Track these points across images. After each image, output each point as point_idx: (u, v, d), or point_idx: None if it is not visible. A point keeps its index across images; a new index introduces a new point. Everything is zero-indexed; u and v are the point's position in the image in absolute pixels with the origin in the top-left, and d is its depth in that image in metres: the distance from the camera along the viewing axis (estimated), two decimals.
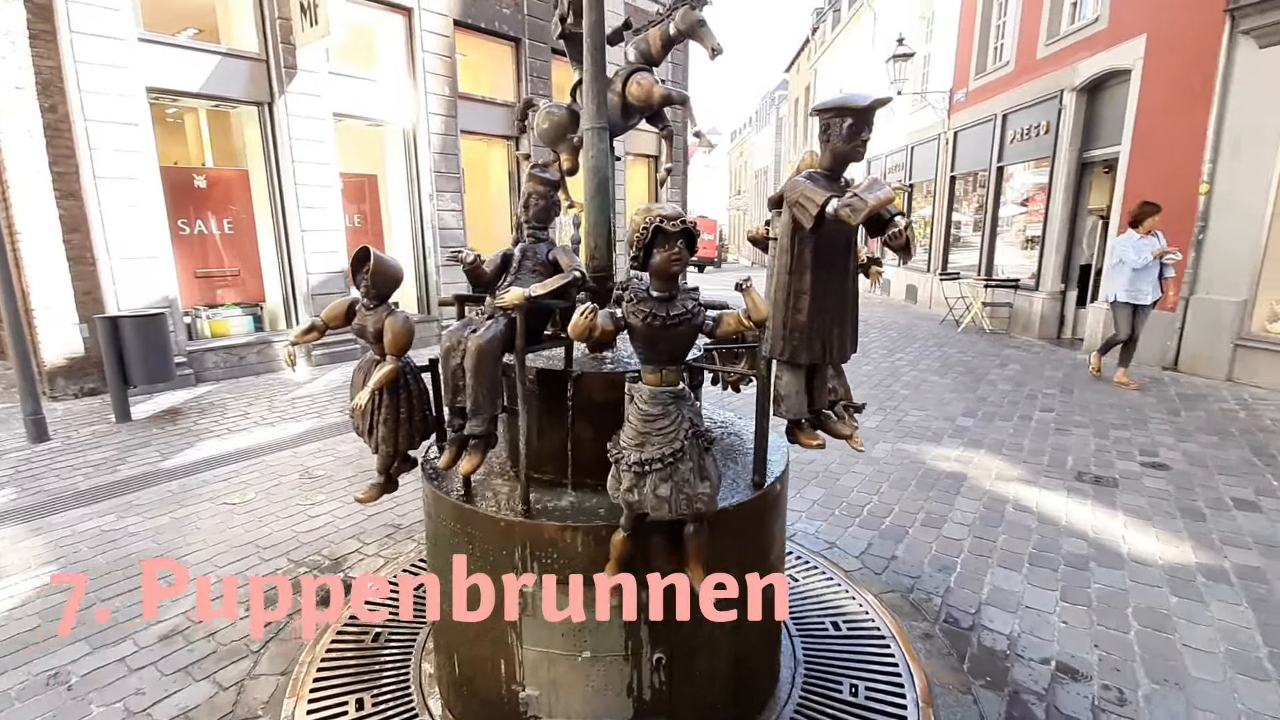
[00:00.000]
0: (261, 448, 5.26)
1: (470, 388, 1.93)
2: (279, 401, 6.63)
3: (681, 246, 1.57)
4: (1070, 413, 6.30)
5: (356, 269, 2.36)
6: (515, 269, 2.11)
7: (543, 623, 2.01)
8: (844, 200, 1.61)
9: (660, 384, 1.70)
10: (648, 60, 2.61)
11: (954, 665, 2.62)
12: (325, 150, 8.13)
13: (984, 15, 13.35)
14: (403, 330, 2.28)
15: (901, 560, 3.47)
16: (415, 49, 8.96)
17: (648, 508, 1.69)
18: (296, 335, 2.37)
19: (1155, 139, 8.57)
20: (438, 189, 9.43)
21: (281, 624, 2.92)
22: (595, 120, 2.34)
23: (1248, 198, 7.24)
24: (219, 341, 7.68)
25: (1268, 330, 7.32)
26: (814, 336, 1.87)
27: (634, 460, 1.67)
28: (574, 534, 1.94)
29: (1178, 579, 3.26)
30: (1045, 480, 4.57)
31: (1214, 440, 5.39)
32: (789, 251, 1.85)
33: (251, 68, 7.57)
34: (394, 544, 3.67)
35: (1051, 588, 3.19)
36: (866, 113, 1.71)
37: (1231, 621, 2.90)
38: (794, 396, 1.95)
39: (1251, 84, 7.16)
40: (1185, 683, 2.51)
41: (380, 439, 2.37)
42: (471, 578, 2.10)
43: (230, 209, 7.99)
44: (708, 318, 1.66)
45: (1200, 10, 7.62)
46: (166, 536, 3.75)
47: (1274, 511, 4.01)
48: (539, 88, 10.70)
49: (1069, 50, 10.35)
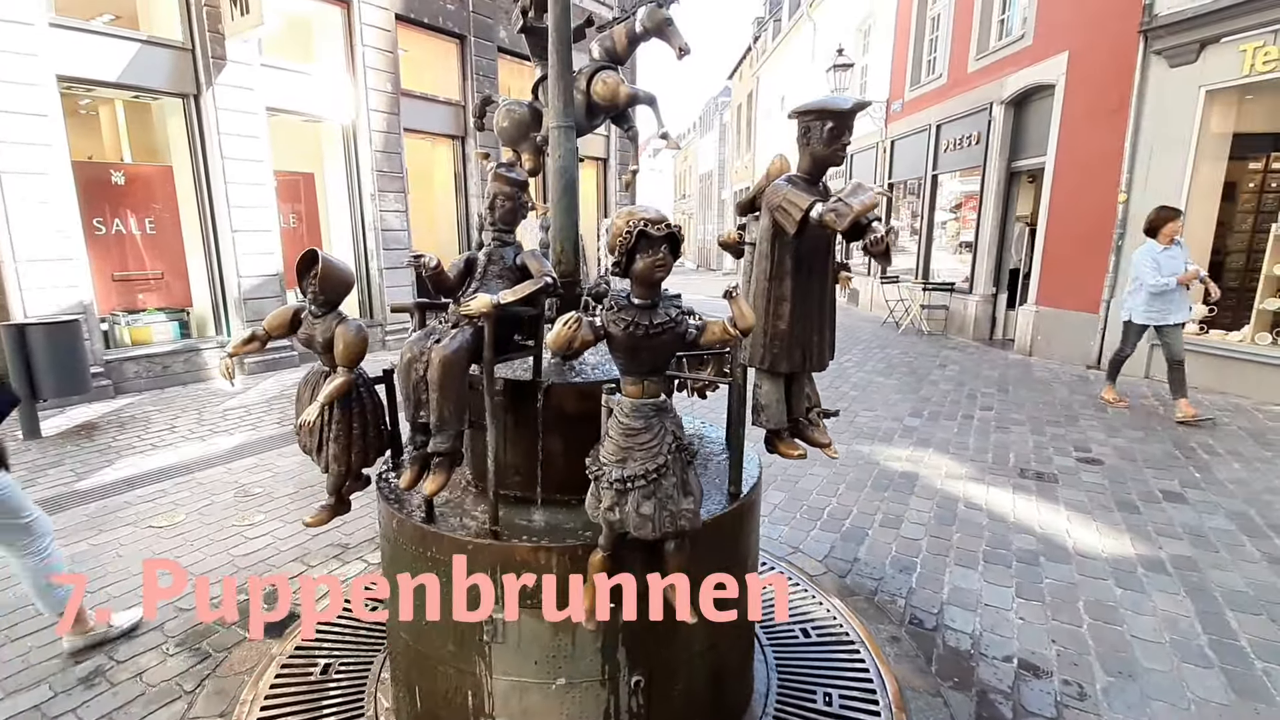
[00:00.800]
0: (191, 464, 4.89)
1: (435, 402, 1.81)
2: (209, 413, 6.21)
3: (666, 252, 1.50)
4: (1008, 411, 6.56)
5: (302, 273, 2.20)
6: (481, 274, 2.00)
7: (514, 649, 1.90)
8: (829, 205, 1.58)
9: (642, 395, 1.62)
10: (612, 58, 2.54)
11: (922, 667, 2.65)
12: (258, 146, 7.69)
13: (918, 30, 13.87)
14: (355, 340, 2.13)
15: (864, 562, 3.50)
16: (355, 43, 8.60)
17: (630, 527, 1.61)
18: (235, 346, 2.18)
19: (1078, 150, 9.07)
20: (380, 189, 9.07)
21: (219, 658, 2.69)
22: (562, 118, 2.25)
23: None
24: (140, 350, 7.14)
25: None
26: (794, 344, 1.84)
27: (615, 477, 1.59)
28: (548, 555, 1.84)
29: (1121, 571, 3.41)
30: (991, 478, 4.73)
31: (1139, 435, 5.71)
32: (769, 257, 1.81)
33: (175, 57, 7.09)
34: (342, 565, 3.45)
35: (1007, 584, 3.28)
36: (848, 116, 1.69)
37: (1173, 611, 3.05)
38: (774, 406, 1.92)
39: (1163, 100, 7.66)
40: (1138, 674, 2.61)
41: (331, 457, 2.20)
42: (436, 604, 1.97)
43: (152, 208, 7.45)
44: (691, 326, 1.59)
45: (1117, 31, 8.11)
46: (85, 565, 3.42)
47: (1199, 503, 4.26)
48: (485, 86, 10.46)
49: (997, 65, 10.84)
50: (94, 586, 3.22)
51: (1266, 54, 6.58)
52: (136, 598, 3.12)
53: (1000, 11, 11.21)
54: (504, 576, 1.85)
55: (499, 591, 1.86)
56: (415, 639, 2.08)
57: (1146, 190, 7.91)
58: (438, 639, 2.01)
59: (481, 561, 1.86)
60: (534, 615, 1.87)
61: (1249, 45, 6.71)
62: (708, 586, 1.90)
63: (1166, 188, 7.66)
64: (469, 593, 1.89)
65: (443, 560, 1.93)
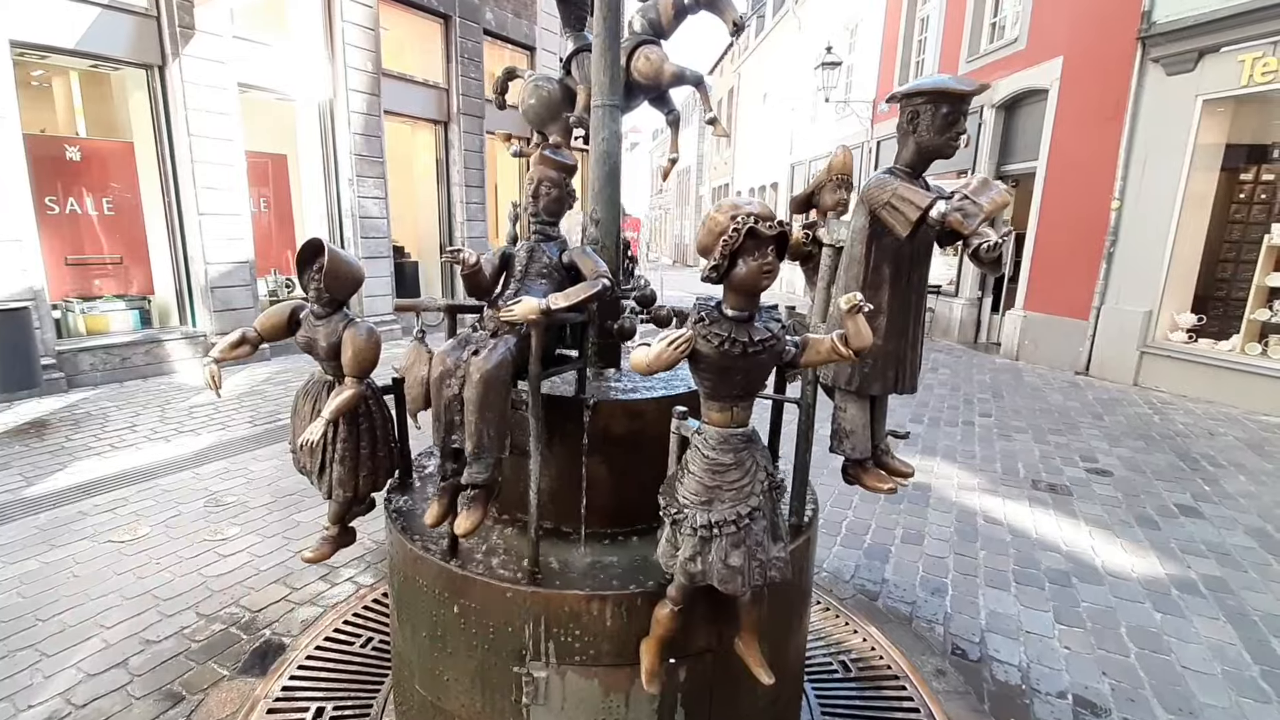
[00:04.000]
0: (155, 468, 4.48)
1: (473, 425, 1.52)
2: (173, 411, 5.76)
3: (773, 255, 1.24)
4: (1007, 418, 6.48)
5: (303, 266, 1.89)
6: (520, 273, 1.71)
7: (557, 711, 1.64)
8: (954, 204, 1.34)
9: (730, 424, 1.37)
10: (656, 31, 2.26)
11: (975, 706, 2.46)
12: (228, 124, 7.19)
13: (906, 30, 13.81)
14: (366, 346, 1.84)
15: (893, 584, 3.31)
16: (334, 18, 8.11)
17: (713, 579, 1.36)
18: (222, 350, 1.88)
19: (1070, 155, 9.06)
20: (359, 174, 8.61)
21: (194, 701, 2.36)
22: (608, 95, 1.97)
23: (1154, 214, 7.76)
24: (97, 340, 6.61)
25: (1169, 339, 7.87)
26: (888, 363, 1.61)
27: (701, 523, 1.33)
28: (602, 604, 1.58)
29: (1155, 592, 3.28)
30: (1005, 490, 4.60)
31: (1140, 445, 5.67)
32: (862, 262, 1.57)
33: (139, 24, 6.55)
34: (330, 586, 3.13)
35: (1044, 608, 3.12)
36: (966, 100, 1.46)
37: (1217, 638, 2.92)
38: (860, 432, 1.68)
39: (1159, 108, 7.66)
40: (1198, 711, 2.46)
41: (335, 481, 1.91)
42: (462, 660, 1.69)
43: (111, 187, 6.90)
44: (789, 343, 1.34)
45: (1114, 37, 8.09)
46: (34, 588, 3.04)
47: (1215, 518, 4.19)
48: (469, 70, 10.04)
49: (989, 68, 10.80)
50: (46, 614, 2.85)
51: (1266, 65, 6.59)
52: (96, 627, 2.76)
53: (992, 14, 11.19)
54: (549, 628, 1.59)
55: (543, 646, 1.60)
56: (434, 694, 1.80)
57: (1140, 198, 7.93)
58: (462, 696, 1.73)
59: (522, 610, 1.59)
60: (582, 673, 1.61)
61: (1248, 56, 6.72)
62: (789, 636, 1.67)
63: (1160, 196, 7.69)
64: (505, 646, 1.62)
65: (472, 606, 1.66)
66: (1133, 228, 8.07)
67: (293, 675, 2.50)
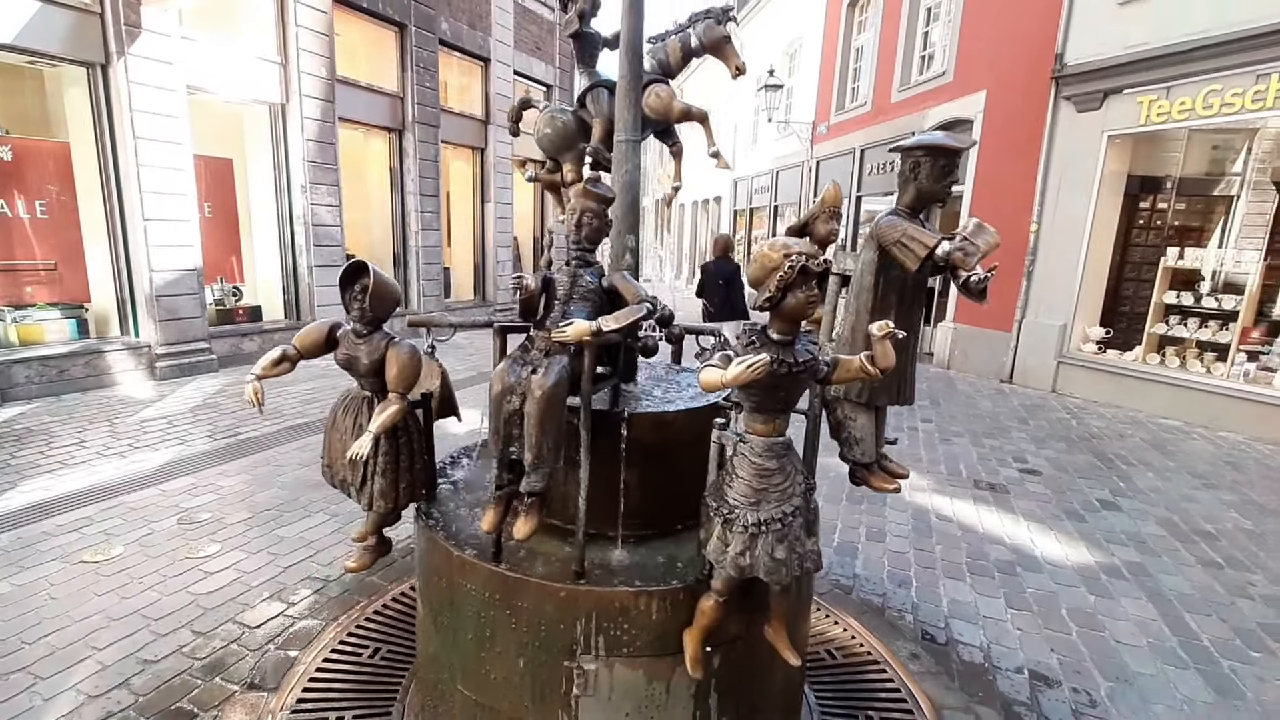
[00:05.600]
0: (114, 486, 4.31)
1: (534, 438, 1.67)
2: (123, 425, 5.50)
3: (815, 288, 1.46)
4: (945, 423, 7.00)
5: (345, 287, 1.98)
6: (564, 297, 1.87)
7: (604, 701, 1.79)
8: (956, 245, 1.60)
9: (773, 434, 1.57)
10: (665, 71, 2.47)
11: (947, 684, 2.75)
12: (176, 127, 6.92)
13: (843, 58, 14.59)
14: (411, 363, 1.96)
15: (864, 579, 3.60)
16: (288, 21, 7.94)
17: (760, 571, 1.55)
18: (264, 368, 1.95)
19: (993, 181, 9.84)
20: (312, 180, 8.42)
21: (208, 718, 2.36)
22: (630, 132, 2.16)
23: (1067, 236, 8.55)
24: (31, 351, 6.21)
25: (1082, 350, 8.67)
26: (892, 378, 1.85)
27: (751, 521, 1.52)
28: (648, 599, 1.75)
29: (1087, 578, 3.70)
30: (952, 489, 5.01)
31: (1063, 446, 6.25)
32: (872, 291, 1.81)
33: (80, 20, 6.25)
34: (327, 599, 3.14)
35: (996, 595, 3.48)
36: (959, 154, 1.72)
37: (1141, 615, 3.34)
38: (869, 439, 1.93)
39: (1071, 140, 8.47)
40: (1132, 679, 2.83)
41: (378, 493, 2.00)
42: (511, 658, 1.82)
43: (45, 189, 6.52)
44: (823, 362, 1.56)
45: (1031, 74, 8.89)
46: (10, 611, 2.93)
47: (1131, 510, 4.71)
48: (424, 79, 9.99)
49: (919, 97, 11.60)
50: (30, 637, 2.75)
51: (1160, 107, 7.43)
52: (87, 649, 2.70)
53: (922, 47, 12.01)
54: (600, 623, 1.74)
55: (593, 640, 1.75)
56: (479, 693, 1.92)
57: (1055, 221, 8.72)
58: (511, 693, 1.86)
59: (577, 609, 1.74)
60: (628, 664, 1.77)
61: (1145, 98, 7.55)
62: (797, 623, 1.88)
63: (1072, 220, 8.49)
64: (557, 642, 1.76)
65: (524, 606, 1.79)
66: (1049, 248, 8.85)
67: (305, 688, 2.53)
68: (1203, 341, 7.56)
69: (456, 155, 11.77)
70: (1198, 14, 6.94)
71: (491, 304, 12.48)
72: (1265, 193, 7.50)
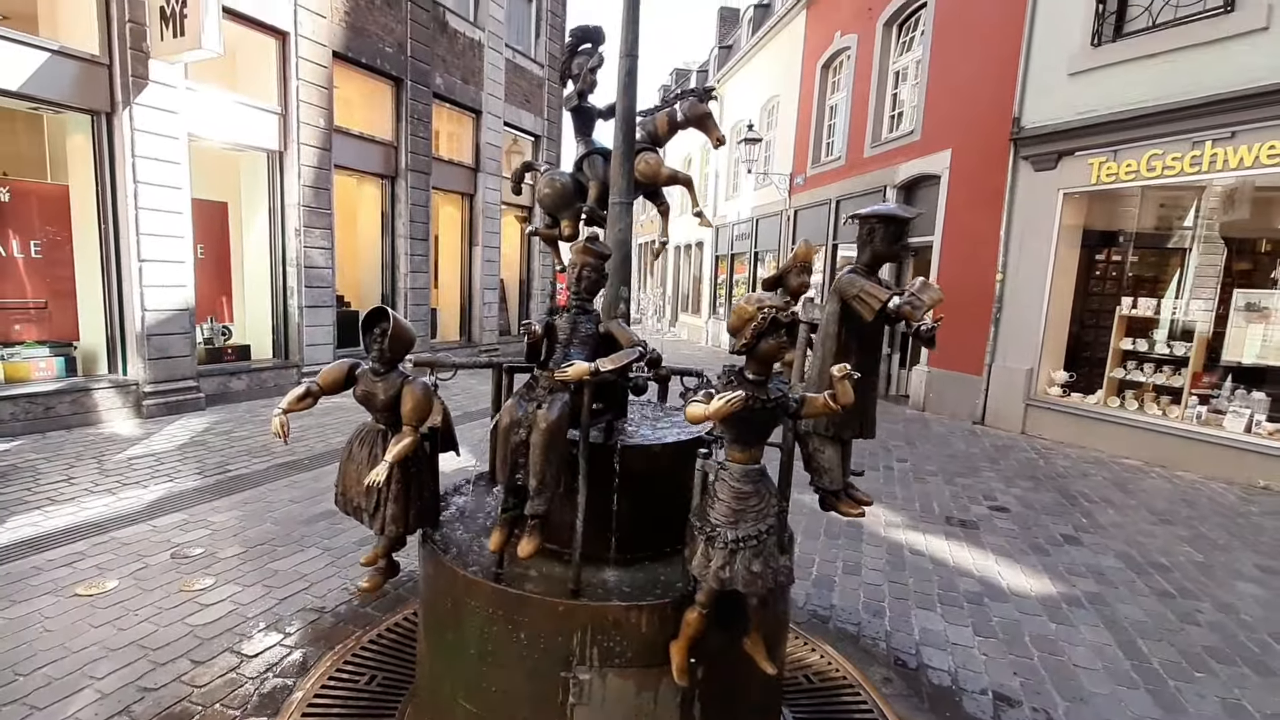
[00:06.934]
0: (104, 522, 4.35)
1: (537, 466, 1.87)
2: (111, 463, 5.54)
3: (784, 336, 1.70)
4: (920, 463, 7.25)
5: (367, 330, 2.19)
6: (565, 341, 2.09)
7: (598, 709, 1.94)
8: (904, 299, 1.86)
9: (749, 462, 1.79)
10: (653, 140, 2.76)
11: (918, 706, 2.91)
12: (177, 173, 7.15)
13: (818, 115, 15.39)
14: (424, 398, 2.15)
15: (840, 609, 3.77)
16: (289, 75, 8.29)
17: (739, 584, 1.75)
18: (290, 403, 2.13)
19: (960, 233, 10.38)
20: (306, 224, 8.65)
21: None
22: (624, 195, 2.43)
23: (1030, 285, 9.03)
24: (17, 388, 6.25)
25: (1048, 393, 9.06)
26: (854, 414, 2.09)
27: (731, 538, 1.73)
28: (639, 614, 1.92)
29: (1049, 607, 3.91)
30: (925, 525, 5.23)
31: (1030, 485, 6.53)
32: (836, 338, 2.06)
33: (86, 70, 6.52)
34: (323, 630, 3.23)
35: (964, 624, 3.67)
36: (909, 223, 2.00)
37: (1098, 641, 3.55)
38: (836, 469, 2.15)
39: (1030, 196, 9.03)
40: (1087, 698, 3.02)
41: (390, 518, 2.17)
42: (511, 670, 1.97)
43: (41, 230, 6.66)
44: (793, 399, 1.79)
45: (992, 135, 9.51)
46: (5, 644, 2.97)
47: (1092, 545, 4.96)
48: (418, 129, 10.38)
49: (890, 154, 12.26)
50: (25, 669, 2.81)
51: (1108, 168, 8.01)
52: (85, 679, 2.76)
53: (891, 108, 12.75)
54: (594, 635, 1.90)
55: (588, 651, 1.91)
56: (481, 707, 2.05)
57: (1019, 271, 9.21)
58: (510, 705, 2.00)
59: (573, 622, 1.90)
60: (620, 674, 1.93)
61: (1095, 160, 8.14)
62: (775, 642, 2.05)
63: (1034, 270, 8.98)
64: (554, 654, 1.92)
65: (524, 621, 1.95)
66: (1014, 296, 9.33)
67: (304, 713, 2.62)
68: (1159, 385, 7.98)
69: (446, 201, 12.12)
70: (1139, 85, 7.58)
71: (477, 345, 12.67)
72: (1215, 245, 7.99)
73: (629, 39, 2.38)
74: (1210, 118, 6.89)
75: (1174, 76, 7.25)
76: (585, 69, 2.68)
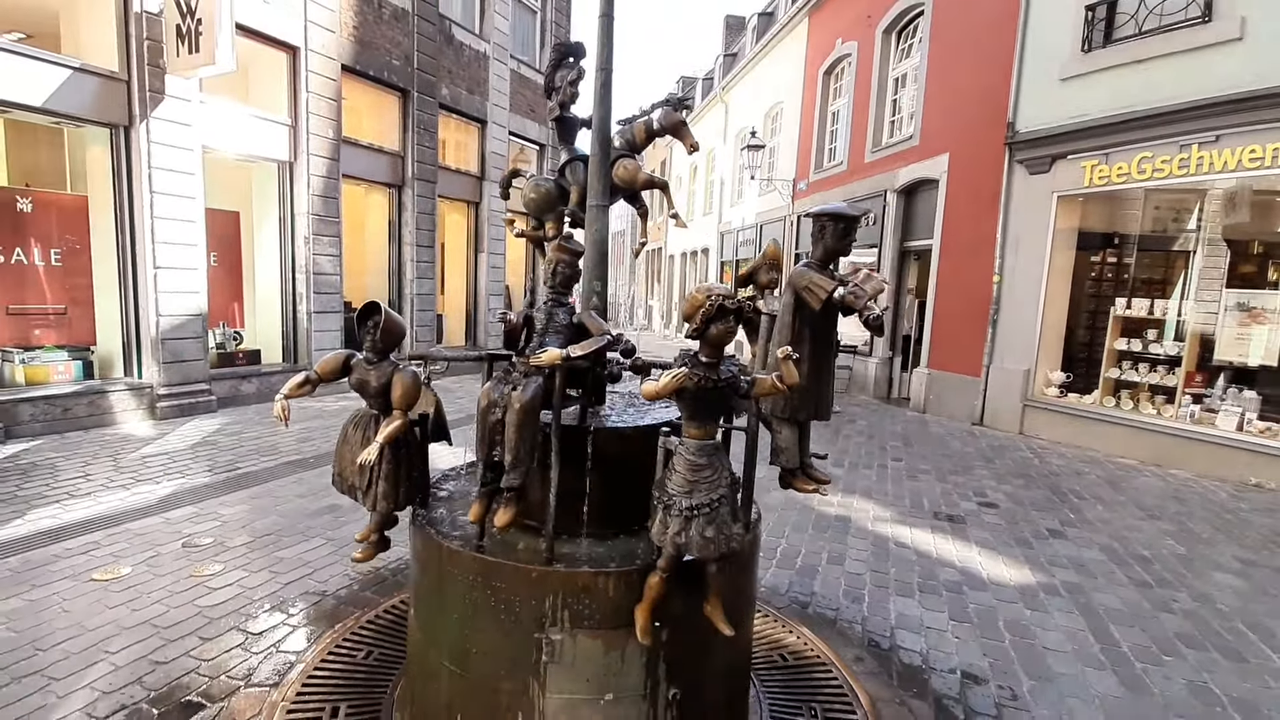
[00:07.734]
0: (119, 515, 4.57)
1: (512, 442, 2.04)
2: (126, 460, 5.77)
3: (734, 321, 1.86)
4: (915, 462, 7.36)
5: (361, 322, 2.38)
6: (541, 331, 2.26)
7: (569, 668, 2.09)
8: (848, 289, 2.02)
9: (704, 437, 1.95)
10: (631, 147, 2.93)
11: (886, 682, 3.04)
12: (191, 183, 7.43)
13: (820, 122, 15.55)
14: (413, 385, 2.32)
15: (821, 595, 3.90)
16: (299, 88, 8.58)
17: (693, 550, 1.90)
18: (291, 389, 2.31)
19: (959, 236, 10.49)
20: (315, 232, 8.91)
21: (214, 711, 2.62)
22: (600, 198, 2.60)
23: (1026, 287, 9.12)
24: (37, 390, 6.52)
25: (1044, 394, 9.13)
26: (809, 397, 2.24)
27: (685, 506, 1.88)
28: (606, 579, 2.08)
29: (1027, 595, 4.02)
30: (913, 520, 5.34)
31: (1022, 483, 6.62)
32: (790, 327, 2.22)
33: (106, 86, 6.81)
34: (325, 611, 3.41)
35: (941, 610, 3.79)
36: (856, 220, 2.16)
37: (1071, 626, 3.65)
38: (792, 448, 2.30)
39: (1025, 200, 9.14)
40: (1053, 678, 3.13)
41: (380, 495, 2.35)
42: (490, 632, 2.13)
43: (64, 238, 6.95)
44: (744, 380, 1.95)
45: (988, 141, 9.64)
46: (24, 623, 3.17)
47: (1077, 539, 5.05)
48: (425, 139, 10.65)
49: (890, 159, 12.40)
50: (45, 644, 3.00)
51: (1101, 171, 8.11)
52: (100, 653, 2.95)
53: (891, 114, 12.91)
54: (565, 599, 2.06)
55: (559, 614, 2.07)
56: (464, 668, 2.21)
57: (1015, 273, 9.31)
58: (489, 665, 2.16)
59: (546, 587, 2.06)
60: (590, 635, 2.09)
61: (1088, 163, 8.25)
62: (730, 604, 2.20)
63: (1030, 272, 9.08)
64: (529, 617, 2.08)
65: (502, 587, 2.12)
66: (1011, 298, 9.42)
67: (304, 683, 2.80)
68: (1153, 385, 8.04)
69: (452, 209, 12.39)
70: (1128, 90, 7.70)
71: (483, 349, 12.88)
72: (1218, 248, 7.99)
73: (604, 55, 2.56)
74: (1195, 122, 7.00)
75: (1160, 82, 7.37)
76: (566, 82, 2.86)
